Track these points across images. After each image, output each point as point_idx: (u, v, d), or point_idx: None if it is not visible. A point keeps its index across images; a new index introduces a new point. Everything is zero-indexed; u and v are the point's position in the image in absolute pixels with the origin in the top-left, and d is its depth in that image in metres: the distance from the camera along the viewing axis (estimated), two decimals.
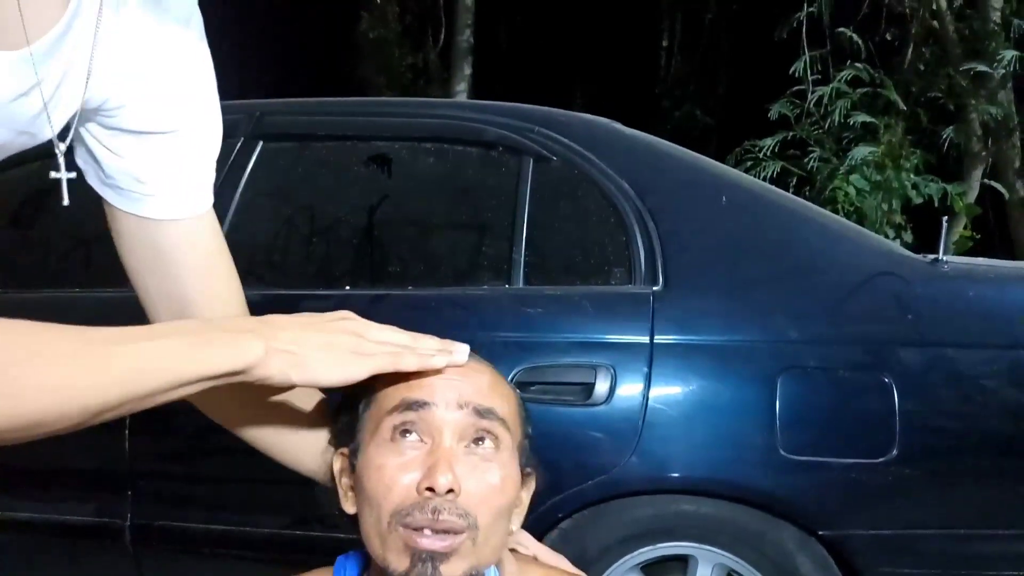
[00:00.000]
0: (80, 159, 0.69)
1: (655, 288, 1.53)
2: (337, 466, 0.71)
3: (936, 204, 4.44)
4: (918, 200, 4.44)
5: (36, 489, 1.68)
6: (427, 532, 0.62)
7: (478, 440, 0.66)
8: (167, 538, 1.58)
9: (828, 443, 1.44)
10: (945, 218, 1.70)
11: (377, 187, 1.77)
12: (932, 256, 1.60)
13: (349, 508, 0.70)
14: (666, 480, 1.47)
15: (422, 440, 0.65)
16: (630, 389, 1.47)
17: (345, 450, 0.70)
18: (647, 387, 1.46)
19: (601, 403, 1.46)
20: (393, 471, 0.64)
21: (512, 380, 1.48)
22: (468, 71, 7.59)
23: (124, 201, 0.70)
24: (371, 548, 0.66)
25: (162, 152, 0.68)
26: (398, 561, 0.63)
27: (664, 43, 9.72)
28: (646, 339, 1.49)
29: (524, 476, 0.71)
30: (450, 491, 0.62)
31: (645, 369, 1.47)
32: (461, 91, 7.42)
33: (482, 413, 0.66)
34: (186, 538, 1.57)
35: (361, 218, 1.80)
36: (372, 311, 1.67)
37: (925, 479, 1.43)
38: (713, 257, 1.59)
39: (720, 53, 8.79)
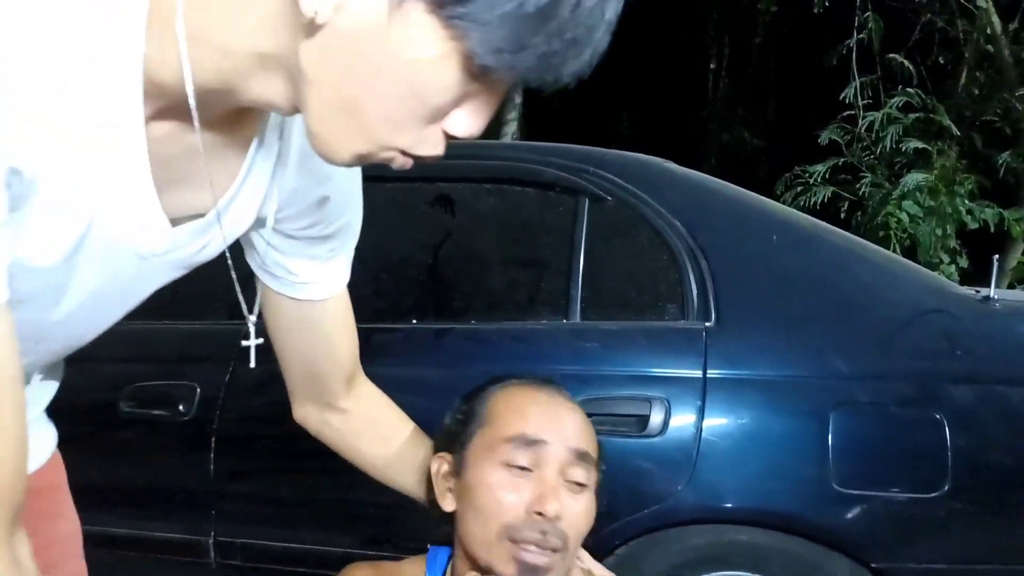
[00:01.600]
0: (242, 240, 0.75)
1: (707, 324, 1.59)
2: (436, 467, 0.84)
3: (992, 230, 4.38)
4: (973, 225, 4.39)
5: (123, 504, 1.80)
6: (533, 548, 0.76)
7: (574, 476, 0.80)
8: (249, 555, 1.69)
9: (881, 477, 1.47)
10: (996, 257, 1.73)
11: (441, 226, 1.87)
12: (983, 292, 1.63)
13: (447, 506, 0.82)
14: (719, 510, 1.52)
15: (531, 469, 0.78)
16: (684, 421, 1.53)
17: (448, 455, 0.82)
18: (700, 419, 1.52)
19: (656, 434, 1.52)
20: (505, 492, 0.77)
21: None
22: (518, 99, 7.72)
23: (278, 284, 0.77)
24: (471, 549, 0.79)
25: (318, 251, 0.75)
26: (504, 568, 0.76)
27: (712, 66, 9.74)
28: (699, 373, 1.55)
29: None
30: (556, 517, 0.76)
31: (698, 402, 1.53)
32: (512, 118, 7.56)
33: (581, 456, 0.80)
34: (267, 556, 1.67)
35: (427, 256, 1.90)
36: (437, 344, 1.78)
37: (977, 514, 1.46)
38: (764, 294, 1.64)
39: (768, 77, 8.77)
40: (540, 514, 0.75)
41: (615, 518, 1.52)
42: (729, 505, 1.51)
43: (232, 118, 0.57)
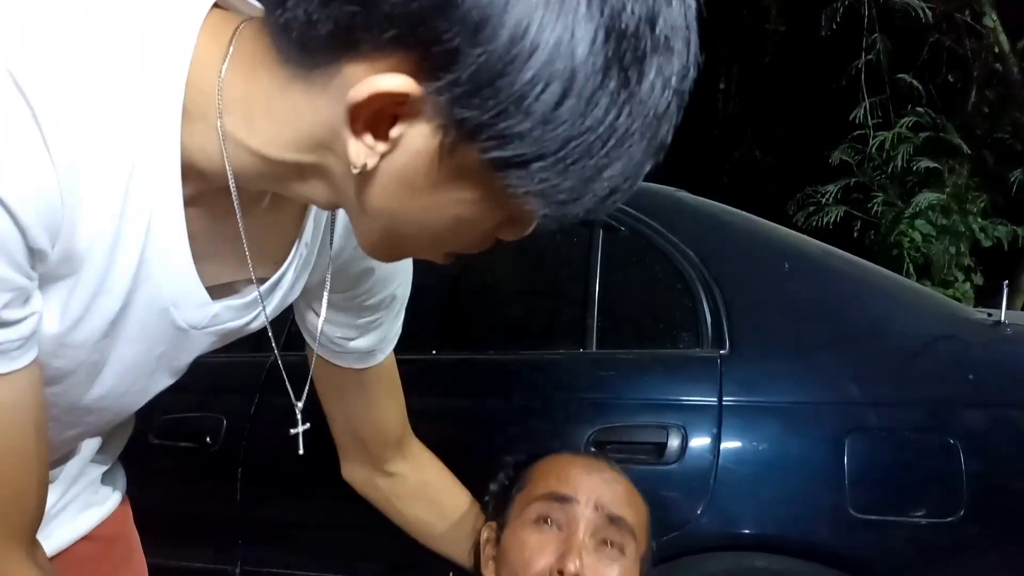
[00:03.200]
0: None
1: (722, 352, 1.62)
2: (484, 536, 0.85)
3: (1006, 247, 4.38)
4: (987, 243, 4.39)
5: (151, 534, 1.84)
6: None
7: (608, 542, 0.79)
8: None
9: (896, 502, 1.49)
10: (1006, 282, 1.75)
11: (460, 258, 1.91)
12: (995, 317, 1.65)
13: (488, 574, 0.83)
14: (737, 537, 1.54)
15: (560, 528, 0.78)
16: (700, 448, 1.55)
17: (494, 524, 0.84)
18: (717, 446, 1.55)
19: (673, 462, 1.55)
20: (532, 550, 0.77)
21: (588, 440, 1.58)
22: None
23: (321, 350, 0.77)
24: None
25: (361, 320, 0.75)
26: None
27: (721, 86, 9.80)
28: (715, 400, 1.58)
29: None
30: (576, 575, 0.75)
31: (715, 429, 1.55)
32: None
33: (614, 519, 0.79)
34: None
35: (444, 286, 1.94)
36: (456, 373, 1.81)
37: (993, 538, 1.47)
38: (777, 321, 1.67)
39: (778, 97, 8.82)
40: (561, 572, 0.74)
41: None
42: (747, 531, 1.53)
43: (277, 198, 0.56)
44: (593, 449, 1.58)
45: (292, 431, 0.72)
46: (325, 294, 0.67)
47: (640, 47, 0.41)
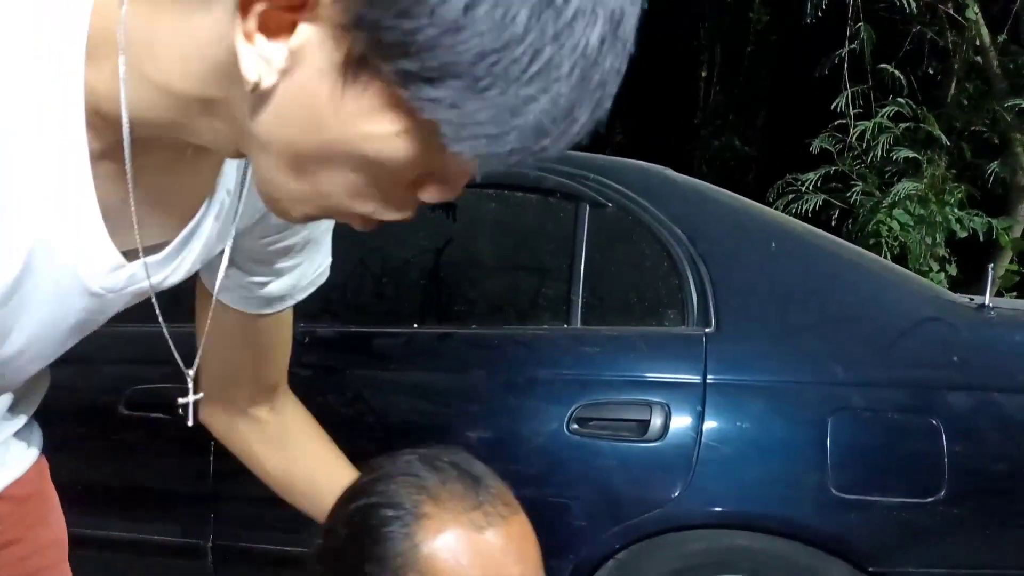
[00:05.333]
0: None
1: (707, 330, 1.61)
2: None
3: (981, 239, 4.43)
4: (963, 234, 4.44)
5: (121, 507, 1.80)
6: None
7: None
8: (247, 559, 1.69)
9: (878, 482, 1.49)
10: (991, 266, 1.76)
11: (444, 231, 1.88)
12: (978, 301, 1.65)
13: None
14: (719, 515, 1.53)
15: None
16: (684, 426, 1.54)
17: None
18: (700, 425, 1.54)
19: (656, 439, 1.54)
20: None
21: (571, 416, 1.57)
22: None
23: (230, 296, 0.71)
24: None
25: (283, 265, 0.70)
26: None
27: (703, 74, 9.82)
28: (699, 379, 1.57)
29: None
30: None
31: (698, 407, 1.54)
32: None
33: None
34: (266, 559, 1.67)
35: (429, 260, 1.91)
36: (439, 348, 1.78)
37: (974, 519, 1.48)
38: (763, 300, 1.66)
39: (760, 85, 8.85)
40: None
41: (616, 522, 1.53)
42: (728, 510, 1.53)
43: (200, 149, 0.52)
44: (575, 426, 1.56)
45: (180, 400, 0.65)
46: (229, 241, 0.62)
47: None
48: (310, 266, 0.73)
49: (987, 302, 1.62)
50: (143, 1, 0.45)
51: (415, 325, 1.79)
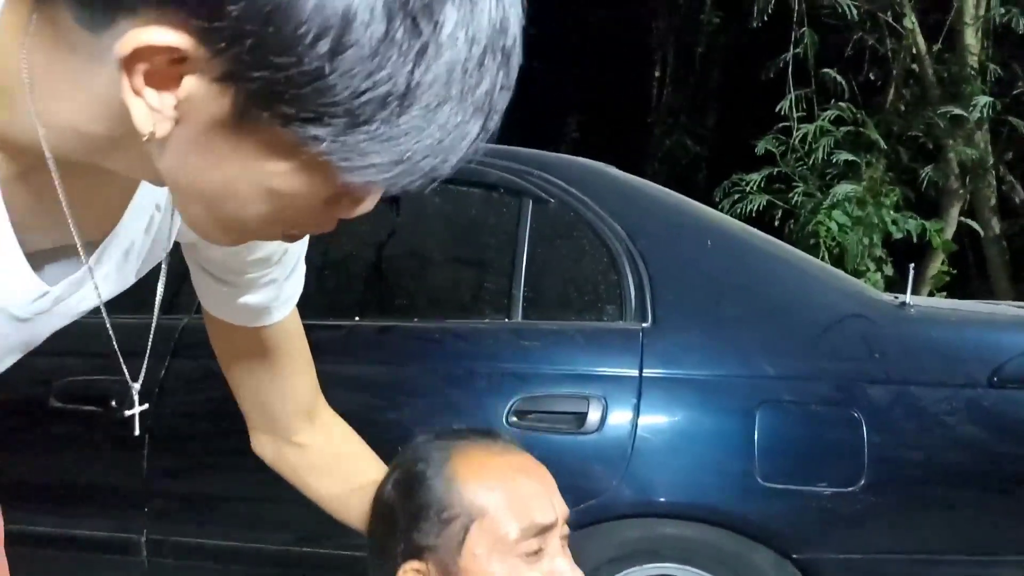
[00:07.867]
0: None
1: (644, 325, 1.65)
2: None
3: (915, 240, 4.60)
4: (898, 235, 4.60)
5: (53, 503, 1.76)
6: None
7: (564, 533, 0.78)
8: (182, 553, 1.67)
9: (802, 472, 1.55)
10: (912, 265, 1.84)
11: (386, 223, 1.88)
12: (900, 299, 1.73)
13: None
14: (652, 504, 1.58)
15: (548, 555, 0.75)
16: (620, 419, 1.58)
17: (422, 566, 0.74)
18: (636, 417, 1.58)
19: (593, 432, 1.57)
20: None
21: (510, 409, 1.59)
22: None
23: (221, 310, 0.74)
24: None
25: (250, 277, 0.71)
26: None
27: (656, 74, 9.94)
28: (635, 372, 1.60)
29: None
30: None
31: (634, 400, 1.58)
32: None
33: (567, 519, 0.78)
34: (200, 553, 1.66)
35: (371, 252, 1.91)
36: (380, 341, 1.78)
37: (892, 507, 1.55)
38: (698, 296, 1.71)
39: (710, 87, 9.00)
40: None
41: None
42: (661, 499, 1.57)
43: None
44: (514, 419, 1.58)
45: (127, 412, 0.68)
46: (164, 254, 0.63)
47: None
48: (288, 280, 0.74)
49: (908, 300, 1.69)
50: (43, 34, 0.44)
51: (356, 318, 1.79)
